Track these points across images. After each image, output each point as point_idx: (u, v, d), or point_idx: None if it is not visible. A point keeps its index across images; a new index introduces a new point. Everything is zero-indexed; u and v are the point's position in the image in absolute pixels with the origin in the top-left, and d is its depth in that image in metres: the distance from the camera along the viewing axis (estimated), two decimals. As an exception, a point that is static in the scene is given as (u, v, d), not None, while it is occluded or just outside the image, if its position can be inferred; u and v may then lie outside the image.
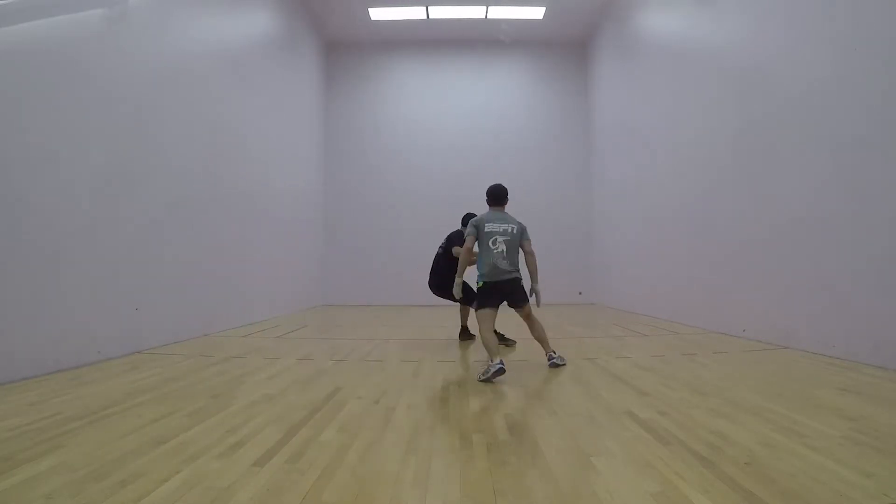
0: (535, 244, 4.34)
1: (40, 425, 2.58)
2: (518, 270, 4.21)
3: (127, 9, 5.01)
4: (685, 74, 7.19)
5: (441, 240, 5.96)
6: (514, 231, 4.21)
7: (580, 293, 11.56)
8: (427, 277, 5.90)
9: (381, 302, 11.42)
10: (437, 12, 10.74)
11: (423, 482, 1.92)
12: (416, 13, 10.83)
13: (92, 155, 4.46)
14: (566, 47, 12.03)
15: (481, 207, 4.59)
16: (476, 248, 4.31)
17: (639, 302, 8.82)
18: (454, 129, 12.00)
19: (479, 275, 4.15)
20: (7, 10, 3.78)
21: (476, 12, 10.76)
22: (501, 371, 3.58)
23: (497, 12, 10.76)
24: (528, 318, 4.29)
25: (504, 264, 4.11)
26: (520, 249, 4.27)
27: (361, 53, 12.13)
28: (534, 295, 4.25)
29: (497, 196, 4.39)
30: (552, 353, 4.23)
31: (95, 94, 4.51)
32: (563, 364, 4.18)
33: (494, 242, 4.12)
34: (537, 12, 10.76)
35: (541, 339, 4.32)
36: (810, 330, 4.64)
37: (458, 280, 4.52)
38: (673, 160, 7.58)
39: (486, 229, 4.15)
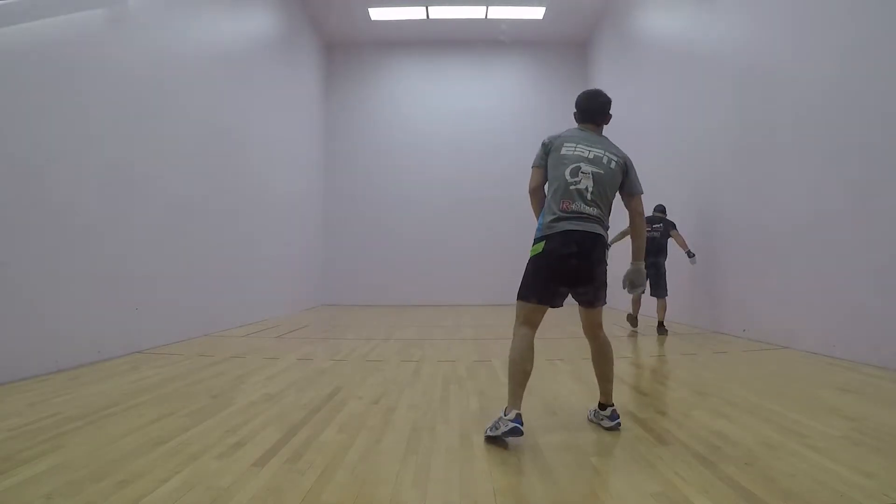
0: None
1: (40, 425, 2.58)
2: (603, 225, 2.57)
3: (127, 9, 5.01)
4: (685, 74, 7.18)
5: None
6: (613, 163, 2.58)
7: None
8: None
9: (381, 302, 11.41)
10: (437, 12, 10.74)
11: (422, 482, 1.92)
12: (416, 13, 10.82)
13: (92, 155, 4.46)
14: (566, 47, 12.02)
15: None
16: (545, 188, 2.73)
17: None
18: (454, 128, 11.99)
19: (539, 225, 2.62)
20: (7, 10, 3.78)
21: (476, 12, 10.75)
22: (516, 431, 2.23)
23: (497, 12, 10.76)
24: (596, 331, 2.68)
25: (585, 209, 2.49)
26: (615, 198, 2.66)
27: (361, 53, 12.12)
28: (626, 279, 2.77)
29: (590, 108, 2.75)
30: (613, 408, 2.60)
31: (94, 95, 4.51)
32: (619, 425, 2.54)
33: (575, 173, 2.52)
34: (537, 12, 10.76)
35: (605, 374, 2.67)
36: (810, 330, 4.64)
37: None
38: (673, 160, 7.57)
39: (562, 150, 2.59)
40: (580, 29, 11.48)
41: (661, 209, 6.73)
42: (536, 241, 2.57)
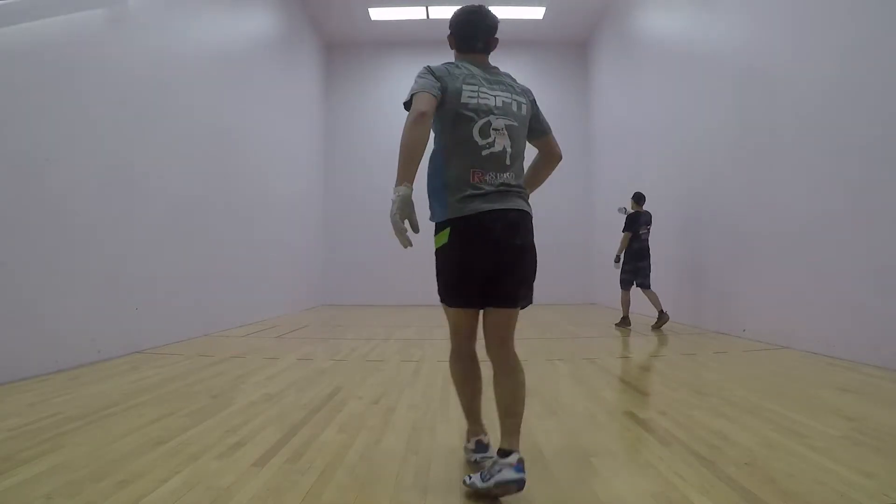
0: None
1: (40, 425, 2.58)
2: (526, 195, 2.02)
3: (127, 9, 5.01)
4: (685, 74, 7.18)
5: None
6: (523, 107, 2.03)
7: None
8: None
9: (381, 302, 11.41)
10: (437, 12, 10.73)
11: (423, 482, 1.92)
12: (416, 13, 10.82)
13: (92, 155, 4.45)
14: (566, 47, 12.02)
15: None
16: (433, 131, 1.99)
17: (639, 302, 8.81)
18: (454, 129, 11.97)
19: (438, 205, 1.99)
20: (7, 10, 3.78)
21: (476, 12, 10.74)
22: (484, 449, 2.00)
23: (497, 12, 10.72)
24: (504, 343, 1.98)
25: (504, 177, 1.92)
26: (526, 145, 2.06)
27: (361, 53, 12.12)
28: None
29: (479, 29, 2.16)
30: (517, 453, 1.76)
31: (94, 95, 4.51)
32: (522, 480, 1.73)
33: (485, 132, 1.91)
34: (537, 12, 10.76)
35: (510, 406, 1.92)
36: (810, 330, 4.64)
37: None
38: (673, 160, 7.58)
39: (463, 97, 1.93)
40: (580, 29, 11.47)
41: (642, 200, 6.86)
42: (439, 226, 1.94)
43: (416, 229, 1.84)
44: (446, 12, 10.69)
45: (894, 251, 3.81)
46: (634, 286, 6.71)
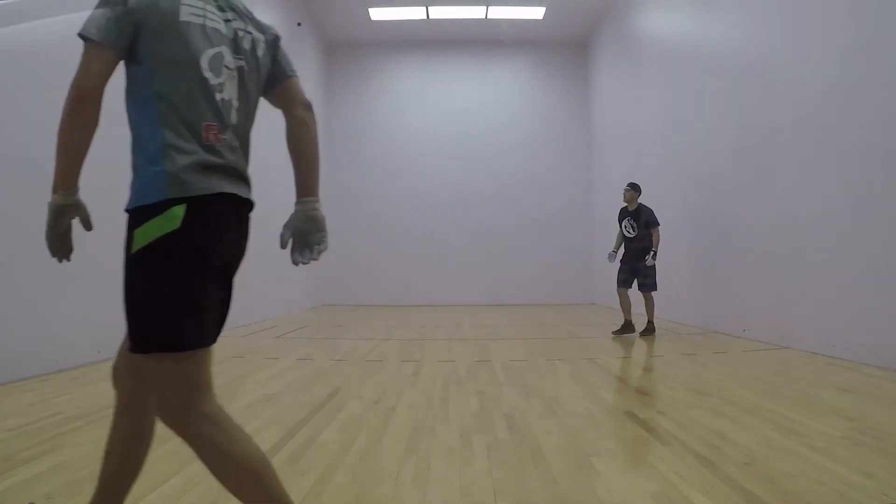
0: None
1: (40, 425, 2.58)
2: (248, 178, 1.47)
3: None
4: (685, 75, 7.19)
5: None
6: (261, 48, 1.43)
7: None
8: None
9: (381, 302, 11.42)
10: (437, 12, 10.74)
11: (423, 482, 1.92)
12: (416, 13, 10.82)
13: (92, 155, 4.44)
14: (566, 47, 12.02)
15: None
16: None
17: (639, 302, 8.81)
18: (454, 129, 12.00)
19: (151, 177, 1.28)
20: (7, 10, 3.78)
21: (476, 12, 10.75)
22: None
23: (497, 12, 10.76)
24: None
25: (233, 143, 1.39)
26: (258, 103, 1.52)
27: (361, 54, 12.12)
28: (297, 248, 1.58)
29: None
30: None
31: (95, 94, 4.51)
32: None
33: (216, 67, 1.30)
34: (537, 12, 10.76)
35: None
36: (810, 330, 4.64)
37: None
38: (673, 160, 7.58)
39: (183, 14, 1.27)
40: (580, 29, 11.48)
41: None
42: (158, 206, 1.22)
43: (88, 226, 1.32)
44: (446, 12, 10.74)
45: (894, 251, 3.81)
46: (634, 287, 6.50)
